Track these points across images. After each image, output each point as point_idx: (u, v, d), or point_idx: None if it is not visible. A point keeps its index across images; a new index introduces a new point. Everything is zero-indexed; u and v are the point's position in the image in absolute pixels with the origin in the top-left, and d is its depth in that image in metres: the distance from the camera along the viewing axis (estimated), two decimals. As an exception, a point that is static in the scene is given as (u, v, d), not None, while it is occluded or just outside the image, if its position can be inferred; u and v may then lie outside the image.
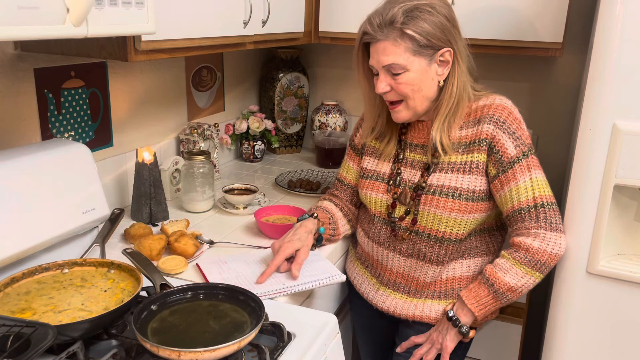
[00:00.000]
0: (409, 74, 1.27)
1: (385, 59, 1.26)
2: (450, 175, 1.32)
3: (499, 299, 1.28)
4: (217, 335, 0.98)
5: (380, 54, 1.26)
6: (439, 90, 1.31)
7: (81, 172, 1.31)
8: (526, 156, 1.29)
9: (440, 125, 1.31)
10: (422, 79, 1.28)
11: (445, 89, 1.30)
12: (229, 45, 1.61)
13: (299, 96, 2.45)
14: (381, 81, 1.29)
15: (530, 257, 1.25)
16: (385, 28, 1.24)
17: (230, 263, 1.36)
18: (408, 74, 1.27)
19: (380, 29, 1.25)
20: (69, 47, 1.31)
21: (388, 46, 1.25)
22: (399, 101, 1.31)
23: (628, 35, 1.15)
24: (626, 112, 1.18)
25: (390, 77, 1.28)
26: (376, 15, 1.26)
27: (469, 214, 1.31)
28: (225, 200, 1.79)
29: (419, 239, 1.36)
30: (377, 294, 1.45)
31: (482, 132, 1.30)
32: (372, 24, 1.26)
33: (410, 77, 1.27)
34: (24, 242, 1.15)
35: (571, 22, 1.91)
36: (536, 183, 1.28)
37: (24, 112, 1.40)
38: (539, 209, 1.27)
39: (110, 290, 1.10)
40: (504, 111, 1.30)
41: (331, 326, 1.13)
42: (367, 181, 1.45)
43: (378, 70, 1.29)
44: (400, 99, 1.31)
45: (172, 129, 1.96)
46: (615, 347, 1.30)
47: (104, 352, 0.98)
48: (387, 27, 1.24)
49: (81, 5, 0.94)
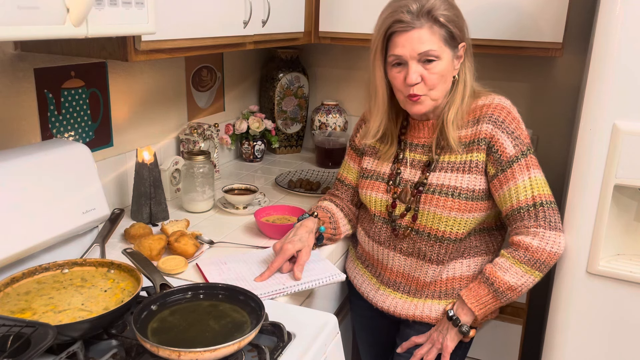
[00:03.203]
0: (441, 62, 1.27)
1: (421, 46, 1.25)
2: (449, 175, 1.32)
3: (499, 298, 1.28)
4: (217, 335, 0.98)
5: (415, 43, 1.25)
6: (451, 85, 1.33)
7: (81, 172, 1.31)
8: (525, 155, 1.29)
9: (453, 117, 1.31)
10: (448, 70, 1.30)
11: (458, 82, 1.33)
12: (229, 45, 1.61)
13: (299, 96, 2.45)
14: (414, 71, 1.27)
15: (530, 255, 1.25)
16: (423, 16, 1.24)
17: (230, 263, 1.36)
18: (440, 63, 1.27)
19: (418, 17, 1.24)
20: (69, 47, 1.31)
21: (425, 34, 1.25)
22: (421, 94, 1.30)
23: (628, 35, 1.15)
24: (626, 112, 1.18)
25: (422, 67, 1.27)
26: (411, 4, 1.25)
27: (468, 213, 1.31)
28: (225, 200, 1.79)
29: (419, 238, 1.36)
30: (378, 294, 1.46)
31: (481, 132, 1.30)
32: (410, 11, 1.24)
33: (442, 66, 1.27)
34: (24, 242, 1.15)
35: (571, 22, 1.91)
36: (535, 182, 1.28)
37: (24, 112, 1.40)
38: (538, 207, 1.27)
39: (110, 290, 1.10)
40: (503, 111, 1.31)
41: (331, 326, 1.13)
42: (367, 181, 1.45)
43: (408, 60, 1.27)
44: (424, 92, 1.30)
45: (172, 129, 1.96)
46: (615, 347, 1.30)
47: (104, 352, 0.98)
48: (425, 16, 1.24)
49: (81, 5, 0.93)
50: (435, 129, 1.37)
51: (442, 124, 1.34)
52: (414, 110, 1.33)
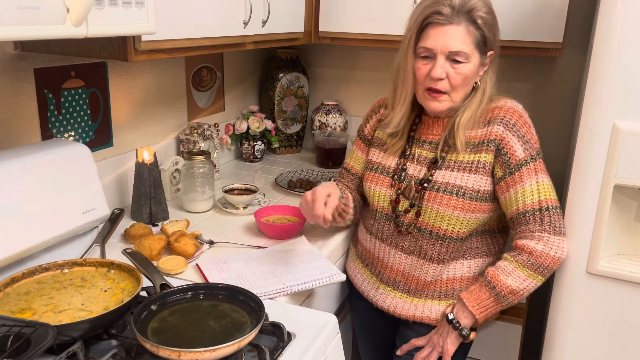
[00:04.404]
0: (468, 65, 1.27)
1: (454, 44, 1.24)
2: (456, 174, 1.32)
3: (500, 302, 1.28)
4: (217, 335, 0.98)
5: (449, 38, 1.24)
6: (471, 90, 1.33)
7: (81, 172, 1.31)
8: (534, 160, 1.29)
9: (465, 122, 1.31)
10: (473, 74, 1.29)
11: (478, 89, 1.32)
12: (229, 45, 1.61)
13: (299, 96, 2.45)
14: (441, 66, 1.26)
15: (534, 260, 1.25)
16: (463, 14, 1.24)
17: (230, 263, 1.37)
18: (467, 65, 1.27)
19: (458, 14, 1.24)
20: (69, 47, 1.31)
21: (460, 33, 1.24)
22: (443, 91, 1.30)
23: (628, 35, 1.15)
24: (626, 112, 1.18)
25: (449, 64, 1.27)
26: None
27: (471, 213, 1.31)
28: (225, 200, 1.79)
29: (421, 236, 1.36)
30: (377, 293, 1.45)
31: (492, 133, 1.30)
32: (452, 5, 1.24)
33: (468, 68, 1.27)
34: (24, 242, 1.15)
35: (571, 22, 1.91)
36: (542, 186, 1.28)
37: (24, 112, 1.40)
38: (544, 212, 1.27)
39: (110, 290, 1.10)
40: (515, 114, 1.31)
41: (331, 326, 1.13)
42: (372, 174, 1.45)
43: (437, 54, 1.26)
44: (446, 90, 1.29)
45: (172, 129, 1.96)
46: (615, 347, 1.30)
47: (104, 352, 0.98)
48: (465, 14, 1.24)
49: (81, 5, 0.94)
50: (445, 128, 1.36)
51: (453, 125, 1.33)
52: (431, 106, 1.32)
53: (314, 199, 1.33)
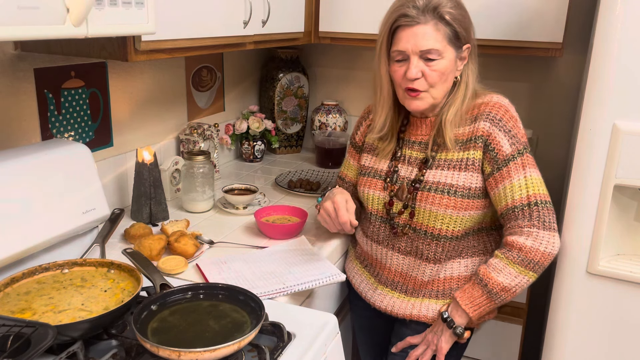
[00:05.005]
0: (443, 61, 1.27)
1: (425, 43, 1.25)
2: (446, 172, 1.32)
3: (493, 299, 1.28)
4: (217, 335, 0.98)
5: (418, 39, 1.26)
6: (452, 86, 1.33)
7: (81, 172, 1.31)
8: (521, 154, 1.29)
9: (452, 118, 1.32)
10: (450, 69, 1.30)
11: (460, 84, 1.33)
12: (229, 45, 1.61)
13: (299, 96, 2.45)
14: (415, 66, 1.27)
15: (524, 256, 1.25)
16: (429, 13, 1.25)
17: (230, 263, 1.37)
18: (442, 62, 1.27)
19: (424, 13, 1.25)
20: (69, 47, 1.31)
21: (429, 31, 1.25)
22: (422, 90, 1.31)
23: (628, 35, 1.15)
24: (626, 112, 1.18)
25: (423, 63, 1.28)
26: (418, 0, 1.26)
27: (464, 211, 1.31)
28: (225, 200, 1.79)
29: (416, 236, 1.36)
30: (375, 293, 1.46)
31: (479, 130, 1.31)
32: (416, 6, 1.25)
33: (443, 64, 1.28)
34: (24, 242, 1.15)
35: (571, 22, 1.91)
36: (530, 181, 1.28)
37: (24, 112, 1.40)
38: (533, 207, 1.27)
39: (110, 290, 1.10)
40: (501, 109, 1.31)
41: (331, 326, 1.13)
42: (365, 178, 1.46)
43: (410, 55, 1.28)
44: (425, 89, 1.30)
45: (172, 129, 1.96)
46: (615, 347, 1.30)
47: (104, 352, 0.98)
48: (431, 12, 1.25)
49: (81, 5, 0.94)
50: (433, 127, 1.37)
51: (440, 123, 1.34)
52: (412, 106, 1.33)
53: (337, 208, 1.37)
